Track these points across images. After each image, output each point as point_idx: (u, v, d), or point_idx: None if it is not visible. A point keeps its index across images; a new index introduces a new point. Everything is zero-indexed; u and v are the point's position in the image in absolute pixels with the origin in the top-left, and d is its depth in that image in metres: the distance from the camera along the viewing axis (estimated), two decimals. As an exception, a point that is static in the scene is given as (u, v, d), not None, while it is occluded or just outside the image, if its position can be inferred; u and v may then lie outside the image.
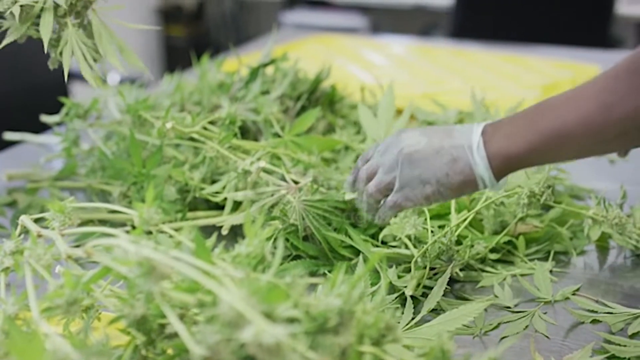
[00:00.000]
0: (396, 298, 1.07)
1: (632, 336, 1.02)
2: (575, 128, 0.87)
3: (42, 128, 1.73)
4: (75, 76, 2.61)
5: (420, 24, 4.59)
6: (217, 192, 1.25)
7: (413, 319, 1.02)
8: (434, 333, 0.97)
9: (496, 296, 1.12)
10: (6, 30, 1.06)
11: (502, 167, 0.94)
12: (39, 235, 0.88)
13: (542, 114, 0.91)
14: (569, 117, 0.88)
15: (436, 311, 1.07)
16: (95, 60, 1.08)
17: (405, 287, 1.07)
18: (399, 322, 1.00)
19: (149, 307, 0.75)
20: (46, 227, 0.92)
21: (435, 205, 1.09)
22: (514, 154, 0.93)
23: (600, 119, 0.84)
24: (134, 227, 0.81)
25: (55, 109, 1.52)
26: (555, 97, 0.92)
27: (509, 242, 1.23)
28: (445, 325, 0.98)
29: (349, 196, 1.18)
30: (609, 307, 1.08)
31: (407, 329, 0.99)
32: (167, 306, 0.71)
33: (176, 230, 0.83)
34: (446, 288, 1.07)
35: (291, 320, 0.67)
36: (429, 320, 1.01)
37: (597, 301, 1.11)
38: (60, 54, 1.07)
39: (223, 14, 5.11)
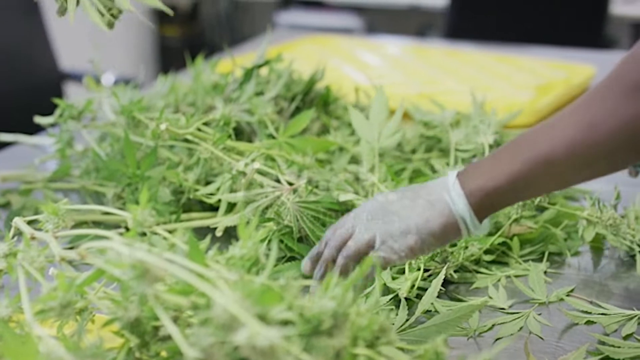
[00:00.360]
0: (390, 300, 1.07)
1: (626, 337, 1.02)
2: (559, 152, 0.84)
3: (36, 129, 1.73)
4: (70, 76, 2.62)
5: (415, 25, 4.59)
6: (211, 194, 1.25)
7: (407, 320, 1.01)
8: (428, 335, 0.97)
9: (490, 297, 1.12)
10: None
11: (482, 204, 0.91)
12: (33, 238, 0.87)
13: (523, 143, 0.88)
14: (552, 142, 0.85)
15: (430, 313, 1.07)
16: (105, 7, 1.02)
17: (400, 288, 1.07)
18: (393, 324, 0.99)
19: (143, 310, 0.75)
20: (40, 229, 0.91)
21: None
22: (493, 188, 0.89)
23: (585, 140, 0.82)
24: (128, 229, 0.81)
25: (49, 110, 1.52)
26: (537, 126, 0.89)
27: (503, 243, 1.24)
28: (439, 327, 0.98)
29: (343, 197, 1.19)
30: (603, 308, 1.08)
31: (401, 330, 0.99)
32: (160, 309, 0.70)
33: (170, 231, 0.83)
34: (440, 289, 1.07)
35: (285, 323, 0.67)
36: (423, 322, 1.01)
37: (591, 302, 1.11)
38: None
39: (218, 14, 5.11)
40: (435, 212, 0.91)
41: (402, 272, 1.12)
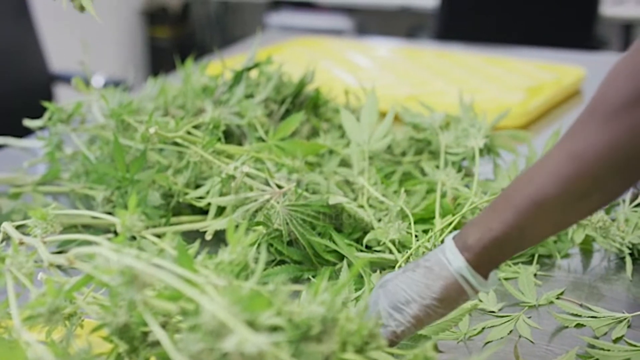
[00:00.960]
0: (380, 303, 1.07)
1: (616, 340, 1.03)
2: (550, 189, 0.82)
3: (26, 132, 1.72)
4: (60, 78, 2.61)
5: (405, 26, 4.59)
6: (200, 197, 1.25)
7: (397, 324, 1.01)
8: (418, 339, 0.97)
9: (480, 300, 1.12)
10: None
11: (480, 258, 0.88)
12: (21, 243, 0.87)
13: (514, 189, 0.86)
14: (541, 181, 0.83)
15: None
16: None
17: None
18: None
19: (132, 315, 0.75)
20: (28, 234, 0.91)
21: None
22: (489, 240, 0.86)
23: (572, 172, 0.80)
24: (117, 233, 0.81)
25: (39, 112, 1.52)
26: (528, 168, 0.88)
27: (493, 246, 1.23)
28: (429, 331, 0.98)
29: (333, 200, 1.18)
30: (592, 311, 1.09)
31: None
32: (149, 314, 0.70)
33: (159, 236, 0.83)
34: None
35: (274, 329, 0.67)
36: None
37: (581, 305, 1.11)
38: None
39: (208, 15, 5.11)
40: (434, 276, 0.88)
41: (392, 275, 1.12)
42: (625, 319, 1.06)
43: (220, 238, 1.21)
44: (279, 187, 1.21)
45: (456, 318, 0.99)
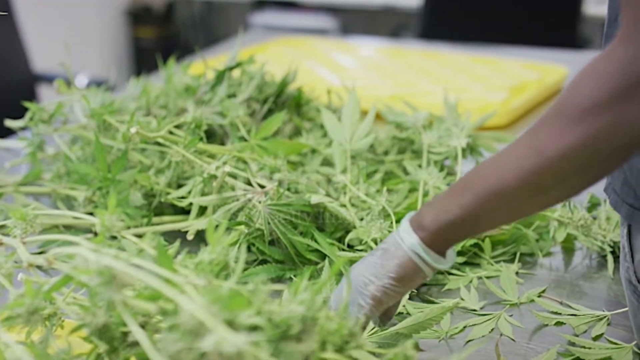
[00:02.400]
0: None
1: (596, 338, 1.03)
2: (510, 180, 0.83)
3: (7, 132, 1.71)
4: (43, 78, 2.61)
5: (389, 25, 4.60)
6: (182, 197, 1.25)
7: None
8: (400, 337, 0.97)
9: (462, 299, 1.12)
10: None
11: (434, 238, 0.89)
12: (0, 243, 0.87)
13: (475, 176, 0.87)
14: (502, 172, 0.84)
15: (402, 315, 1.07)
16: None
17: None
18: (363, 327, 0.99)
19: (111, 315, 0.75)
20: (8, 235, 0.91)
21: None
22: (445, 222, 0.88)
23: (533, 166, 0.80)
24: (95, 235, 0.80)
25: (22, 112, 1.51)
26: (491, 157, 0.89)
27: (475, 245, 1.24)
28: (411, 329, 0.98)
29: (315, 199, 1.18)
30: (573, 309, 1.09)
31: (372, 333, 0.99)
32: (128, 315, 0.70)
33: (140, 236, 0.82)
34: (412, 291, 1.07)
35: (253, 328, 0.67)
36: (395, 324, 1.00)
37: (561, 303, 1.12)
38: None
39: (192, 15, 5.10)
40: (389, 256, 0.91)
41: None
42: (605, 316, 1.07)
43: (202, 238, 1.21)
44: (261, 186, 1.21)
45: (437, 317, 1.00)
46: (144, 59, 4.83)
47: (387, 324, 0.98)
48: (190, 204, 1.24)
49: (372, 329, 1.00)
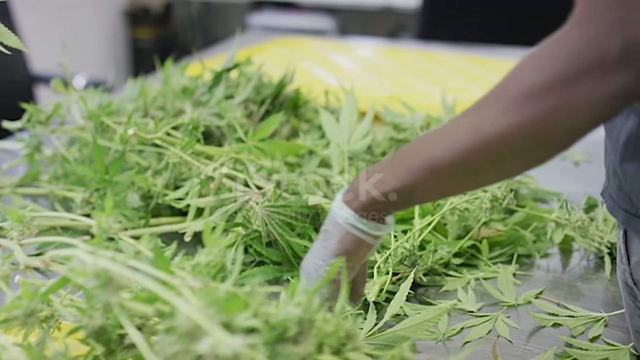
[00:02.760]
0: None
1: (593, 339, 1.03)
2: (446, 156, 0.82)
3: (5, 133, 1.71)
4: (41, 79, 2.61)
5: (387, 26, 4.60)
6: (180, 199, 1.25)
7: (376, 324, 1.01)
8: (397, 339, 0.97)
9: (460, 300, 1.12)
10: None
11: (368, 208, 0.90)
12: (-3, 246, 0.87)
13: (413, 149, 0.87)
14: (440, 147, 0.83)
15: (400, 316, 1.07)
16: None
17: (368, 292, 1.07)
18: (361, 329, 0.99)
19: (108, 318, 0.75)
20: (5, 237, 0.91)
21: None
22: (379, 193, 0.88)
23: (470, 144, 0.80)
24: (91, 238, 0.80)
25: (20, 112, 1.51)
26: (431, 131, 0.88)
27: (472, 246, 1.24)
28: (408, 331, 0.98)
29: (312, 201, 1.18)
30: (570, 310, 1.09)
31: (370, 335, 0.99)
32: (124, 317, 0.70)
33: (138, 237, 0.82)
34: (410, 293, 1.07)
35: (250, 330, 0.67)
36: (392, 326, 1.01)
37: (558, 304, 1.12)
38: None
39: (190, 16, 5.10)
40: (329, 235, 0.91)
41: (372, 276, 1.12)
42: (602, 318, 1.07)
43: (199, 239, 1.21)
44: (258, 188, 1.21)
45: (435, 318, 1.00)
46: (142, 60, 4.84)
47: (359, 302, 0.99)
48: (188, 205, 1.24)
49: (369, 330, 1.00)
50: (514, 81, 0.79)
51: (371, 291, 1.07)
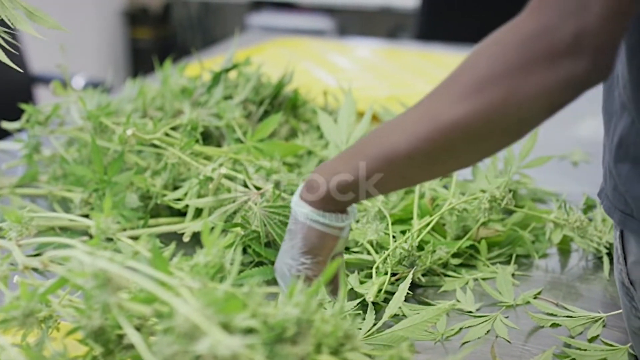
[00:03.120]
0: (358, 304, 1.07)
1: (592, 340, 1.03)
2: (402, 145, 0.83)
3: (3, 134, 1.71)
4: (40, 79, 2.60)
5: (386, 26, 4.60)
6: (179, 199, 1.25)
7: (375, 325, 1.01)
8: (396, 339, 0.97)
9: (458, 301, 1.12)
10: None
11: (326, 201, 0.91)
12: (-4, 246, 0.87)
13: (369, 141, 0.87)
14: (396, 136, 0.84)
15: (398, 317, 1.07)
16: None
17: (367, 293, 1.07)
18: (360, 329, 0.99)
19: (107, 318, 0.75)
20: (3, 237, 0.91)
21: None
22: (335, 184, 0.89)
23: (425, 133, 0.80)
24: (90, 238, 0.80)
25: (19, 113, 1.51)
26: (387, 121, 0.88)
27: (471, 247, 1.24)
28: (406, 331, 0.98)
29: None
30: (568, 310, 1.09)
31: (369, 335, 0.99)
32: (123, 317, 0.70)
33: (136, 238, 0.82)
34: (408, 293, 1.07)
35: (248, 331, 0.67)
36: (391, 326, 1.01)
37: (557, 304, 1.12)
38: None
39: (189, 16, 5.10)
40: (292, 234, 0.92)
41: (370, 276, 1.12)
42: (600, 318, 1.07)
43: (198, 239, 1.21)
44: (257, 188, 1.21)
45: (433, 318, 1.00)
46: (141, 60, 4.84)
47: (337, 294, 1.00)
48: (187, 206, 1.24)
49: (368, 330, 1.00)
50: (468, 70, 0.80)
51: (370, 291, 1.07)
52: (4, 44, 1.00)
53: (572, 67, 0.73)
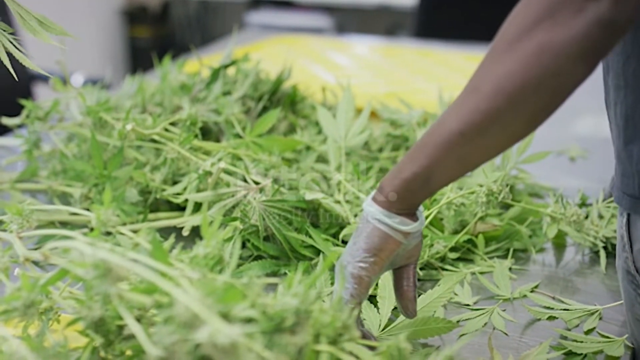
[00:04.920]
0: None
1: (588, 332, 1.04)
2: (453, 124, 0.84)
3: (3, 130, 1.72)
4: (39, 77, 2.60)
5: (385, 24, 4.61)
6: (178, 194, 1.25)
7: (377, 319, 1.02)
8: (410, 334, 0.98)
9: (456, 294, 1.13)
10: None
11: (393, 201, 0.90)
12: (-3, 238, 0.87)
13: (428, 132, 0.87)
14: (447, 117, 0.85)
15: (396, 310, 1.07)
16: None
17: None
18: (364, 319, 1.00)
19: (107, 309, 0.76)
20: (4, 230, 0.91)
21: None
22: (400, 182, 0.89)
23: (472, 104, 0.82)
24: (91, 231, 0.81)
25: (17, 110, 1.51)
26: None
27: (468, 241, 1.25)
28: (404, 323, 0.99)
29: (309, 196, 1.19)
30: (565, 303, 1.10)
31: (385, 329, 1.00)
32: (123, 308, 0.71)
33: (136, 231, 0.83)
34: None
35: (247, 320, 0.68)
36: (390, 320, 1.01)
37: (554, 298, 1.12)
38: None
39: (188, 14, 5.10)
40: (359, 232, 0.91)
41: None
42: (597, 311, 1.08)
43: (197, 234, 1.21)
44: (256, 183, 1.21)
45: (431, 311, 1.01)
46: (139, 59, 4.84)
47: (412, 308, 0.96)
48: (186, 200, 1.25)
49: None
50: (500, 35, 0.82)
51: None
52: (9, 46, 1.00)
53: (596, 9, 0.74)
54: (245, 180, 1.22)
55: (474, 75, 0.84)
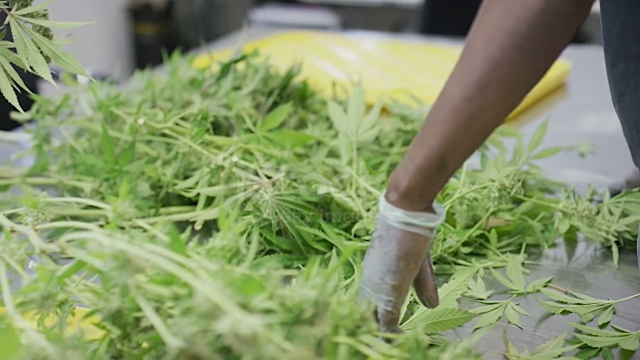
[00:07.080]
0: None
1: (602, 326, 1.04)
2: (455, 90, 0.84)
3: (13, 125, 1.72)
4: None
5: (390, 21, 4.61)
6: (190, 188, 1.25)
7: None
8: (409, 325, 0.98)
9: (469, 288, 1.13)
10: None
11: (410, 197, 0.88)
12: (12, 231, 0.87)
13: (432, 110, 0.87)
14: (450, 88, 0.86)
15: (410, 304, 1.07)
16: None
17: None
18: (375, 311, 1.00)
19: (124, 301, 0.75)
20: (19, 223, 0.91)
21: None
22: (413, 172, 0.87)
23: (468, 61, 0.84)
24: (106, 223, 0.81)
25: (25, 106, 1.51)
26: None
27: (481, 236, 1.24)
28: (420, 317, 0.99)
29: (321, 190, 1.19)
30: (578, 298, 1.10)
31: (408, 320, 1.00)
32: (142, 299, 0.71)
33: (150, 225, 0.83)
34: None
35: (267, 312, 0.67)
36: (407, 314, 1.01)
37: (566, 292, 1.12)
38: None
39: (193, 12, 5.10)
40: (385, 241, 0.88)
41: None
42: (610, 305, 1.07)
43: (209, 228, 1.22)
44: (268, 177, 1.21)
45: (446, 304, 1.01)
46: (144, 56, 4.84)
47: (434, 298, 0.95)
48: (198, 194, 1.24)
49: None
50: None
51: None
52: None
53: None
54: (257, 175, 1.22)
55: (466, 40, 0.85)
